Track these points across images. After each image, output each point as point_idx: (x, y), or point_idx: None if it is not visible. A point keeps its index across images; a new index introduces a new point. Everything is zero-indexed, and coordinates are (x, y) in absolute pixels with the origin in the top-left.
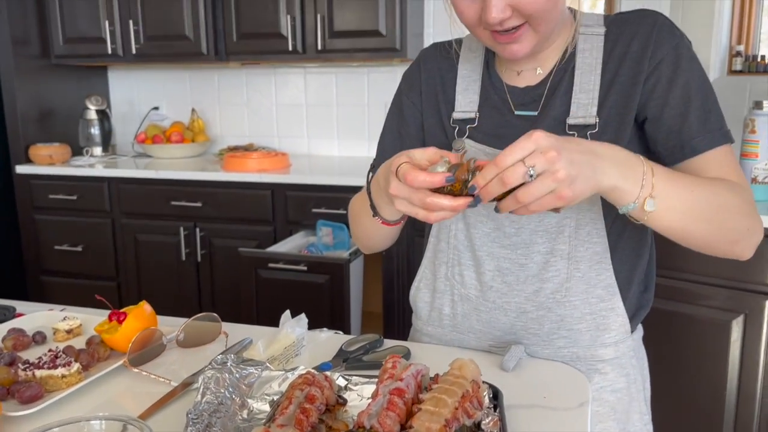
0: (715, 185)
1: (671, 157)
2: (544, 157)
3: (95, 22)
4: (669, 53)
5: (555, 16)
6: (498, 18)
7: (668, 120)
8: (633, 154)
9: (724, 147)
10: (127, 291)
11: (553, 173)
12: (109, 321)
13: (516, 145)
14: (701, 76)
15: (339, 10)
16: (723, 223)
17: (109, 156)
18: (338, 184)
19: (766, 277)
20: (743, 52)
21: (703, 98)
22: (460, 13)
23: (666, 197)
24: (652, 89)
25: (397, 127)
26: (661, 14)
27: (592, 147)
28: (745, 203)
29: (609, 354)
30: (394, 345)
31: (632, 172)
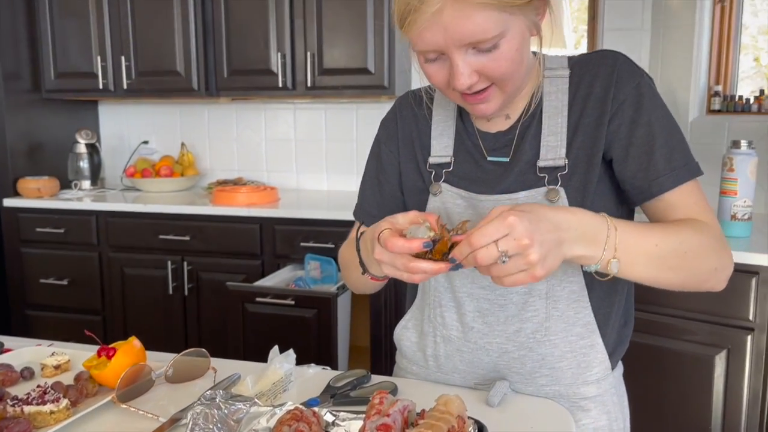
0: (681, 232)
1: (640, 196)
2: (517, 244)
3: (87, 58)
4: (631, 93)
5: (521, 75)
6: (466, 84)
7: (634, 160)
8: (598, 217)
9: (690, 183)
10: (113, 325)
11: (525, 257)
12: (98, 356)
13: (489, 227)
14: (664, 114)
15: (328, 48)
16: (690, 269)
17: (97, 189)
18: (327, 218)
19: (748, 313)
20: (721, 92)
21: (666, 136)
22: (429, 77)
23: (630, 255)
24: (616, 130)
25: (376, 173)
26: (621, 55)
27: (560, 220)
28: (713, 242)
29: (591, 392)
30: (382, 381)
31: (596, 238)
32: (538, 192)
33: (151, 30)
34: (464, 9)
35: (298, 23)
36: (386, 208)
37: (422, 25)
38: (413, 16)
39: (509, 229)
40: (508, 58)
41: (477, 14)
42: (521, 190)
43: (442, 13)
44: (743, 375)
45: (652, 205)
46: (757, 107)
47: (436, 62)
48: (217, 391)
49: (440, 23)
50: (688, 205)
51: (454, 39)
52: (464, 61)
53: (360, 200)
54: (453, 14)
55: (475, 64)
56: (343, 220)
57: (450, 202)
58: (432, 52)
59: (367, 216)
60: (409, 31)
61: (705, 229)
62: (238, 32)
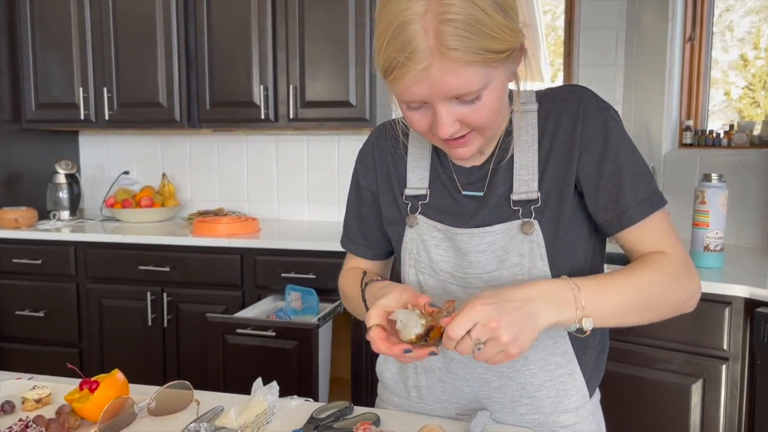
0: (644, 275)
1: (610, 228)
2: (487, 329)
3: (69, 88)
4: (598, 128)
5: (500, 121)
6: (449, 133)
7: (604, 194)
8: (559, 282)
9: (657, 214)
10: (90, 357)
11: (497, 339)
12: (80, 390)
13: (460, 320)
14: (630, 146)
15: (311, 81)
16: (659, 307)
17: (76, 220)
18: (308, 249)
19: (722, 343)
20: (692, 126)
21: (633, 168)
22: (411, 123)
23: (600, 310)
24: (585, 164)
25: (357, 205)
26: (587, 90)
27: (524, 295)
28: (678, 274)
29: (570, 420)
30: (365, 412)
31: (565, 303)
32: (513, 225)
33: (133, 61)
34: (451, 66)
35: (281, 56)
36: (371, 237)
37: (409, 81)
38: (400, 71)
39: (477, 318)
40: (489, 108)
41: (464, 70)
42: (496, 224)
43: (429, 70)
44: (719, 404)
45: (622, 237)
46: (727, 141)
47: (419, 110)
48: (201, 424)
49: (427, 79)
50: (655, 236)
51: (440, 93)
52: (448, 112)
53: (345, 230)
54: (440, 71)
55: (458, 113)
56: (325, 251)
57: (426, 234)
58: (416, 102)
59: (353, 245)
60: (394, 85)
61: (668, 264)
62: (221, 64)
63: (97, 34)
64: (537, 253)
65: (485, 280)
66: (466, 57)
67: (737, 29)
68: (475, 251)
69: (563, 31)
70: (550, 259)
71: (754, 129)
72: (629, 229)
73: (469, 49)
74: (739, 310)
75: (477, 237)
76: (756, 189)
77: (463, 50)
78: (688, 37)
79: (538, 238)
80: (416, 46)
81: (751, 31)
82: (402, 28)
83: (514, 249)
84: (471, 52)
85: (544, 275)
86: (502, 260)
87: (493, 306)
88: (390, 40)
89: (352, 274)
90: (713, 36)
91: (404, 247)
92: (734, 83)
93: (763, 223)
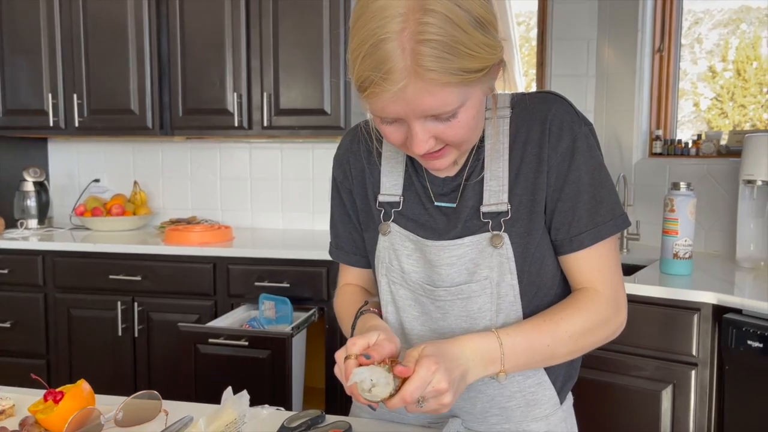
0: (574, 324)
1: (561, 248)
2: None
3: (38, 95)
4: (567, 147)
5: (476, 136)
6: (424, 150)
7: (559, 214)
8: (489, 339)
9: (604, 244)
10: (58, 369)
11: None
12: (44, 401)
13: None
14: (595, 167)
15: (285, 89)
16: (582, 349)
17: (45, 229)
18: (282, 258)
19: (691, 348)
20: (662, 136)
21: (594, 190)
22: (385, 136)
23: (521, 364)
24: (551, 183)
25: (342, 213)
26: (561, 102)
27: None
28: (608, 318)
29: (540, 428)
30: (336, 420)
31: (491, 361)
32: (482, 237)
33: (105, 68)
34: (428, 87)
35: (255, 63)
36: (361, 245)
37: (384, 100)
38: (374, 89)
39: (432, 378)
40: (464, 125)
41: (440, 91)
42: (466, 236)
43: (406, 90)
44: (689, 409)
45: (566, 259)
46: (696, 151)
47: (393, 125)
48: None
49: (403, 99)
50: (595, 267)
51: (416, 112)
52: (423, 129)
53: (333, 240)
54: (416, 91)
55: (433, 130)
56: (299, 259)
57: (399, 243)
58: (392, 119)
59: (343, 254)
60: (369, 101)
61: (594, 306)
62: (194, 71)
63: (67, 39)
64: (506, 267)
65: (453, 294)
66: (443, 78)
67: (706, 42)
68: (445, 264)
69: (536, 42)
70: (519, 274)
71: (722, 139)
72: (575, 254)
73: (446, 71)
74: (708, 317)
75: (446, 250)
76: (723, 197)
77: (440, 71)
78: (657, 48)
79: (508, 252)
80: (392, 65)
81: (719, 43)
82: (377, 46)
83: (483, 262)
84: (448, 73)
85: (512, 289)
86: (471, 273)
87: (443, 368)
88: (365, 56)
89: (348, 294)
90: (682, 48)
91: (377, 255)
92: (703, 94)
93: (731, 231)
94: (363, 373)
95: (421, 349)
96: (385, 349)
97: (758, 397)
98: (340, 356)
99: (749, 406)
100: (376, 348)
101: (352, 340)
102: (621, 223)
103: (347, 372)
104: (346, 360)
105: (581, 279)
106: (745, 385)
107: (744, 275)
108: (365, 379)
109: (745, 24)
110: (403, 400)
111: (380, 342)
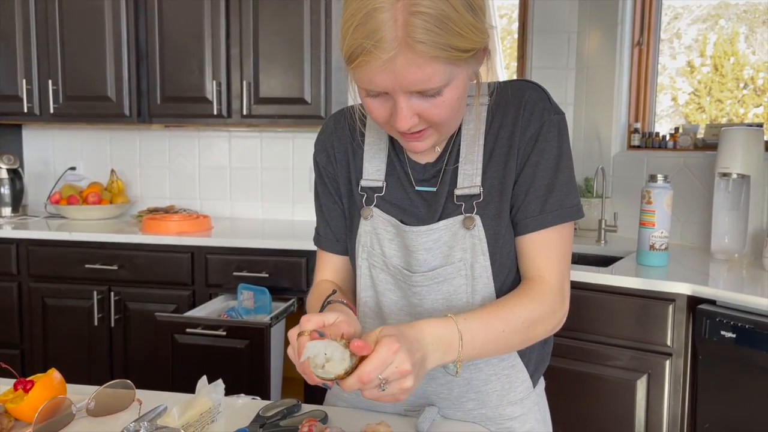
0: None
1: (514, 230)
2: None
3: (12, 80)
4: (533, 133)
5: (458, 119)
6: (407, 126)
7: (514, 196)
8: (448, 326)
9: (553, 230)
10: (32, 359)
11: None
12: (14, 390)
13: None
14: (556, 155)
15: (265, 77)
16: (531, 339)
17: (19, 217)
18: (261, 247)
19: (666, 339)
20: (640, 129)
21: (549, 178)
22: (369, 111)
23: (476, 353)
24: (517, 166)
25: (328, 195)
26: (536, 90)
27: (422, 337)
28: (554, 307)
29: (516, 412)
30: (312, 409)
31: (449, 348)
32: (455, 220)
33: (81, 54)
34: (417, 59)
35: (234, 51)
36: (339, 229)
37: (373, 69)
38: (364, 57)
39: (394, 358)
40: (448, 106)
41: (428, 65)
42: (441, 219)
43: (395, 61)
44: (663, 399)
45: (517, 242)
46: (673, 144)
47: (378, 98)
48: (141, 423)
49: (391, 69)
50: (542, 254)
51: (402, 85)
52: (408, 104)
53: (321, 227)
54: (405, 63)
55: (418, 107)
56: (279, 249)
57: (381, 228)
58: (377, 91)
59: (332, 243)
60: (357, 71)
61: (544, 295)
62: (173, 58)
63: (42, 24)
64: (479, 249)
65: (430, 278)
66: (432, 52)
67: (684, 37)
68: (422, 249)
69: (518, 35)
70: (491, 255)
71: (698, 132)
72: (522, 237)
73: (435, 44)
74: (682, 307)
75: (423, 235)
76: (699, 190)
77: (430, 44)
78: (637, 41)
79: (480, 233)
80: (384, 34)
81: (698, 38)
82: (371, 15)
83: (457, 244)
84: (437, 47)
85: (485, 270)
86: (446, 256)
87: (405, 348)
88: (357, 25)
89: (322, 291)
90: (661, 42)
91: (358, 240)
92: (681, 89)
93: (706, 223)
94: (316, 347)
95: (379, 331)
96: (341, 330)
97: (731, 387)
98: (293, 334)
99: (722, 396)
100: (332, 328)
101: (307, 317)
102: (567, 214)
103: (300, 348)
104: (299, 337)
105: (529, 264)
106: (718, 375)
107: (718, 267)
108: (319, 353)
109: (723, 20)
110: (359, 380)
111: (338, 323)
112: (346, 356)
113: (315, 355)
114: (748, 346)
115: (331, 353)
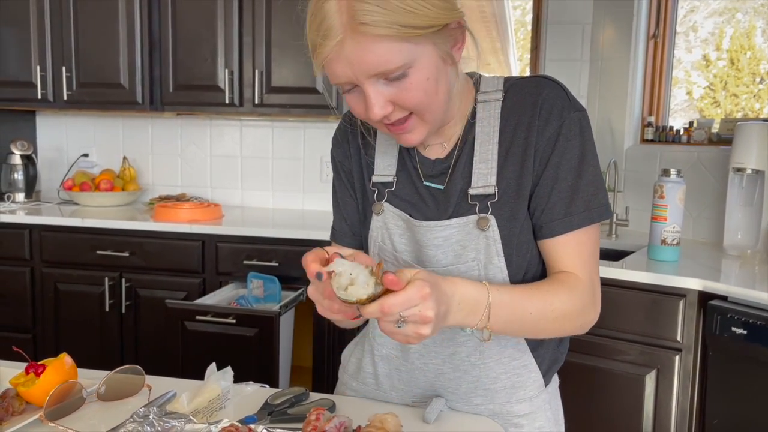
0: (555, 298)
1: (536, 233)
2: (420, 316)
3: (26, 67)
4: (553, 132)
5: (439, 104)
6: (380, 115)
7: (536, 199)
8: (480, 290)
9: (582, 232)
10: (44, 343)
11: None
12: (26, 373)
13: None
14: (579, 155)
15: (277, 66)
16: (558, 330)
17: (32, 203)
18: (271, 236)
19: (676, 334)
20: (654, 122)
21: (573, 178)
22: (351, 108)
23: (501, 326)
24: (535, 167)
25: (345, 190)
26: (554, 87)
27: (451, 291)
28: (583, 302)
29: (524, 409)
30: (320, 398)
31: (474, 312)
32: (469, 220)
33: (94, 41)
34: (363, 42)
35: (247, 40)
36: (355, 223)
37: (327, 57)
38: (318, 50)
39: (421, 301)
40: (419, 88)
41: (377, 46)
42: (453, 218)
43: (343, 46)
44: (672, 394)
45: (542, 245)
46: (687, 138)
47: (353, 93)
48: (150, 408)
49: (343, 56)
50: (572, 255)
51: (360, 70)
52: (376, 92)
53: (339, 223)
54: (353, 47)
55: (387, 94)
56: (289, 239)
57: (392, 222)
58: (346, 83)
59: (348, 238)
60: (317, 64)
61: (578, 290)
62: (185, 47)
63: (56, 11)
64: (493, 249)
65: (441, 274)
66: (377, 31)
67: (701, 30)
68: (432, 245)
69: (531, 26)
70: (506, 256)
71: (713, 126)
72: (549, 240)
73: (381, 24)
74: (693, 303)
75: (433, 231)
76: (713, 185)
77: (373, 24)
78: (652, 34)
79: (494, 234)
80: (331, 23)
81: (714, 32)
82: (320, 8)
83: (470, 244)
84: (384, 26)
85: (500, 271)
86: (458, 255)
87: (434, 297)
88: (311, 23)
89: None
90: (677, 36)
91: (370, 235)
92: (696, 83)
93: (719, 218)
94: (344, 264)
95: (415, 273)
96: (363, 258)
97: (741, 383)
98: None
99: (731, 392)
100: (353, 257)
101: (325, 249)
102: (596, 215)
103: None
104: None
105: (559, 265)
106: (728, 371)
107: (730, 263)
108: (345, 272)
109: (740, 13)
110: (381, 309)
111: (357, 254)
112: (371, 282)
113: (340, 273)
114: (759, 343)
115: (357, 275)
